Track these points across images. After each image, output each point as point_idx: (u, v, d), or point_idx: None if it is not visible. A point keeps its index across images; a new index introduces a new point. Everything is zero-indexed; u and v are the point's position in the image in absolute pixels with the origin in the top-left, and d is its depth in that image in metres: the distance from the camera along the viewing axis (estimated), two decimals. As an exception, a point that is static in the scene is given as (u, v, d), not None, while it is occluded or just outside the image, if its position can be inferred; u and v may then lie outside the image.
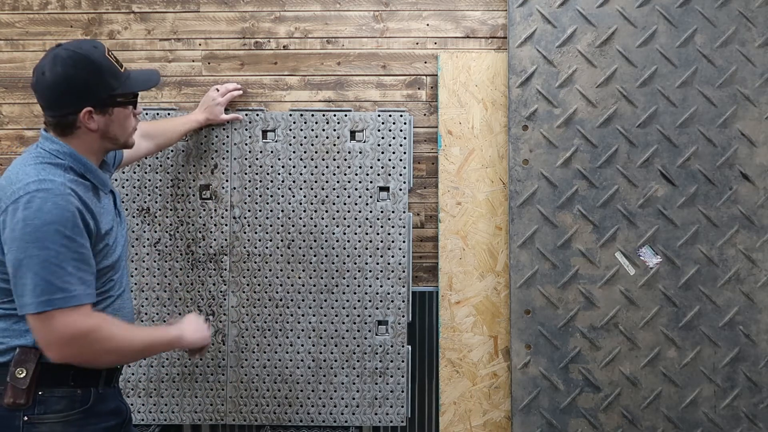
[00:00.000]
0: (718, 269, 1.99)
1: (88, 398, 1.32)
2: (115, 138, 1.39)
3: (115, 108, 1.36)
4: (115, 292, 1.41)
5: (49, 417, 1.27)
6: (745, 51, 2.00)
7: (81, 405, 1.31)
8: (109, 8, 2.16)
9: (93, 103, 1.32)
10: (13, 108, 2.16)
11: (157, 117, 2.07)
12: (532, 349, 2.00)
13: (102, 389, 1.35)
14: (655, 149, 2.00)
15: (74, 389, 1.30)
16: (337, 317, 2.04)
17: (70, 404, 1.29)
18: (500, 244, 2.08)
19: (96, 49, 1.33)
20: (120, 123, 1.38)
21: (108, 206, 1.40)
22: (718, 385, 1.98)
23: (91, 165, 1.36)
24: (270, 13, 2.16)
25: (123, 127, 1.39)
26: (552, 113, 2.02)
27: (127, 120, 1.39)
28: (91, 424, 1.32)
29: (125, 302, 1.46)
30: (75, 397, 1.30)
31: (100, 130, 1.35)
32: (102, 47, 1.35)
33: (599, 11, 2.01)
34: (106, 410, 1.36)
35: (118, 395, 1.43)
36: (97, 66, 1.32)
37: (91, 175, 1.36)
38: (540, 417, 1.99)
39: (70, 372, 1.29)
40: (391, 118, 2.06)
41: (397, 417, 2.03)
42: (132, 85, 1.38)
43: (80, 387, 1.31)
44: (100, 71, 1.32)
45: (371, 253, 2.05)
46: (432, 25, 2.15)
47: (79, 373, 1.30)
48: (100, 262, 1.33)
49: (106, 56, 1.34)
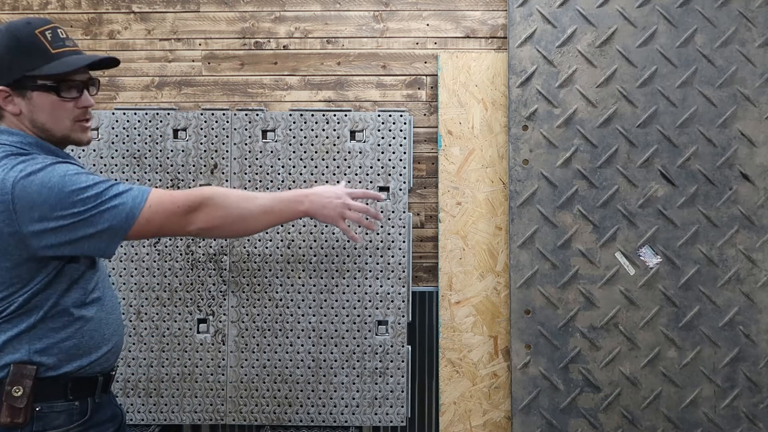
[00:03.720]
0: (718, 269, 1.99)
1: (86, 409, 1.27)
2: (44, 127, 1.23)
3: (34, 92, 1.21)
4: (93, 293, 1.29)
5: None
6: (745, 51, 2.00)
7: (80, 417, 1.26)
8: (109, 8, 2.16)
9: (6, 82, 1.20)
10: (13, 108, 2.15)
11: (157, 116, 2.07)
12: (532, 349, 2.00)
13: (98, 398, 1.30)
14: (655, 149, 2.00)
15: (72, 402, 1.24)
16: (337, 317, 2.04)
17: (68, 418, 1.24)
18: (500, 244, 2.08)
19: (28, 25, 1.22)
20: (44, 110, 1.22)
21: None
22: (718, 385, 1.98)
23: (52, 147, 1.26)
24: (270, 13, 2.16)
25: (51, 115, 1.23)
26: (552, 113, 2.02)
27: (55, 108, 1.23)
28: None
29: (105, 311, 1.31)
30: (73, 410, 1.25)
31: (24, 115, 1.22)
32: (38, 24, 1.23)
33: (599, 11, 2.01)
34: (104, 418, 1.31)
35: (112, 400, 1.38)
36: (17, 42, 1.20)
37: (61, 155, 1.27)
38: (540, 417, 1.99)
39: (67, 384, 1.24)
40: (391, 118, 2.06)
41: (397, 417, 2.03)
42: (53, 68, 1.21)
43: (78, 399, 1.25)
44: (17, 48, 1.20)
45: (371, 253, 2.05)
46: (432, 25, 2.15)
47: (76, 384, 1.25)
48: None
49: (36, 33, 1.21)
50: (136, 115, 2.06)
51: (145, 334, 2.02)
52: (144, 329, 2.03)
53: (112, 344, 1.31)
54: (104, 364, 1.30)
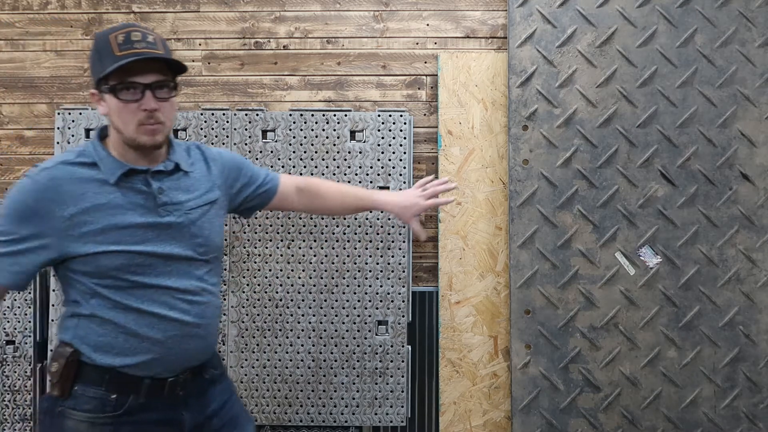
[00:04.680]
0: (718, 269, 1.99)
1: (123, 405, 1.25)
2: (118, 129, 1.26)
3: (105, 94, 1.24)
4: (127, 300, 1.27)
5: (76, 414, 1.24)
6: (745, 51, 2.01)
7: (112, 410, 1.25)
8: (109, 8, 2.16)
9: (95, 86, 1.27)
10: (13, 108, 2.16)
11: (157, 117, 2.06)
12: (532, 349, 2.00)
13: (145, 398, 1.27)
14: (655, 149, 2.00)
15: (108, 393, 1.25)
16: (337, 317, 2.04)
17: (99, 407, 1.25)
18: (500, 244, 2.08)
19: (109, 29, 1.24)
20: (114, 112, 1.24)
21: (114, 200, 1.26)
22: (718, 385, 1.98)
23: (105, 153, 1.28)
24: (270, 13, 2.16)
25: (119, 118, 1.24)
26: (552, 113, 2.02)
27: (120, 111, 1.23)
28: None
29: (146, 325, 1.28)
30: (107, 401, 1.25)
31: (108, 116, 1.26)
32: (118, 27, 1.24)
33: (599, 11, 2.01)
34: (149, 420, 1.28)
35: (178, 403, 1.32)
36: (95, 47, 1.25)
37: (102, 162, 1.27)
38: (540, 417, 1.99)
39: (105, 375, 1.25)
40: (391, 118, 2.06)
41: (397, 417, 2.03)
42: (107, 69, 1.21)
43: (116, 393, 1.25)
44: (94, 52, 1.25)
45: (371, 253, 2.05)
46: (432, 25, 2.15)
47: (116, 378, 1.25)
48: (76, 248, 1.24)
49: (109, 37, 1.22)
50: (136, 115, 2.05)
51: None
52: (144, 329, 2.02)
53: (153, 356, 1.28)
54: (147, 371, 1.28)
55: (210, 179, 1.41)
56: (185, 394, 1.33)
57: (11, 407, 2.03)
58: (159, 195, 1.29)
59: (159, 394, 1.29)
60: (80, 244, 1.23)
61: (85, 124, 2.05)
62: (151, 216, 1.28)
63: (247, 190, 1.53)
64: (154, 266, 1.27)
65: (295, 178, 1.67)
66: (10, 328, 2.03)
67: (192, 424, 1.33)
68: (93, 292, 1.26)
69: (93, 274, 1.25)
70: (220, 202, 1.42)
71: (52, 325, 2.02)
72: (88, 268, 1.25)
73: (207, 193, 1.38)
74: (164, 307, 1.28)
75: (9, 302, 2.03)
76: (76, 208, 1.23)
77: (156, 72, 1.24)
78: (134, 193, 1.28)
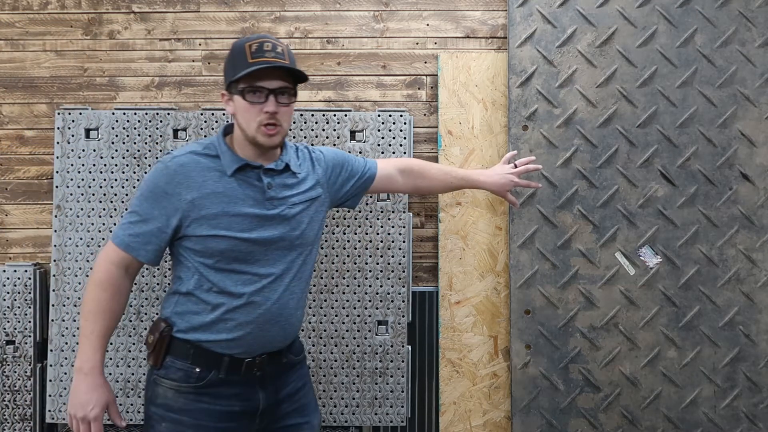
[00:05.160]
0: (718, 269, 1.99)
1: (204, 378, 1.40)
2: (241, 128, 1.42)
3: (235, 96, 1.41)
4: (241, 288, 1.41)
5: (165, 382, 1.40)
6: (745, 51, 2.01)
7: (195, 381, 1.39)
8: (109, 8, 2.16)
9: (225, 88, 1.43)
10: (13, 108, 2.16)
11: (157, 116, 2.07)
12: (532, 349, 2.00)
13: (225, 374, 1.40)
14: (655, 149, 2.00)
15: (192, 366, 1.40)
16: (337, 317, 2.04)
17: (185, 377, 1.39)
18: (500, 244, 2.08)
19: (245, 39, 1.41)
20: (240, 112, 1.41)
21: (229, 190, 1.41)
22: (718, 385, 1.98)
23: (226, 148, 1.43)
24: (270, 13, 2.16)
25: (243, 118, 1.40)
26: (552, 113, 2.02)
27: (247, 112, 1.39)
28: (203, 402, 1.39)
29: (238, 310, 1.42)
30: (191, 373, 1.39)
31: (235, 116, 1.43)
32: (253, 37, 1.41)
33: (599, 11, 2.01)
34: (228, 394, 1.41)
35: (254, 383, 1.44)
36: (231, 53, 1.41)
37: (222, 156, 1.43)
38: (540, 417, 1.99)
39: (192, 351, 1.40)
40: (391, 118, 2.06)
41: (397, 417, 2.03)
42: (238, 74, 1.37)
43: (200, 366, 1.40)
44: (230, 58, 1.41)
45: (371, 253, 2.05)
46: (432, 25, 2.15)
47: (201, 353, 1.40)
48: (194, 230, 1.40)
49: (245, 45, 1.39)
50: (136, 115, 2.06)
51: (145, 334, 2.02)
52: (144, 329, 2.03)
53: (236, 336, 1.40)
54: (228, 350, 1.41)
55: (314, 178, 1.55)
56: (262, 374, 1.45)
57: (11, 407, 2.03)
58: (267, 189, 1.44)
59: (237, 372, 1.42)
60: (196, 225, 1.39)
61: (85, 124, 2.05)
62: (259, 208, 1.42)
63: (349, 183, 1.66)
64: (253, 254, 1.41)
65: (395, 160, 1.79)
66: (10, 328, 2.03)
67: (266, 404, 1.46)
68: (196, 270, 1.41)
69: (200, 253, 1.40)
70: (321, 199, 1.56)
71: (52, 325, 2.02)
72: (198, 247, 1.40)
73: (310, 191, 1.52)
74: (255, 293, 1.41)
75: (9, 302, 2.03)
76: (198, 193, 1.39)
77: (280, 79, 1.40)
78: (247, 185, 1.42)
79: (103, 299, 1.38)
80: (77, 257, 2.03)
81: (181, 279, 1.43)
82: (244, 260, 1.40)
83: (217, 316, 1.40)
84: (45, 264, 2.13)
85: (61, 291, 2.03)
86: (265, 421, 1.47)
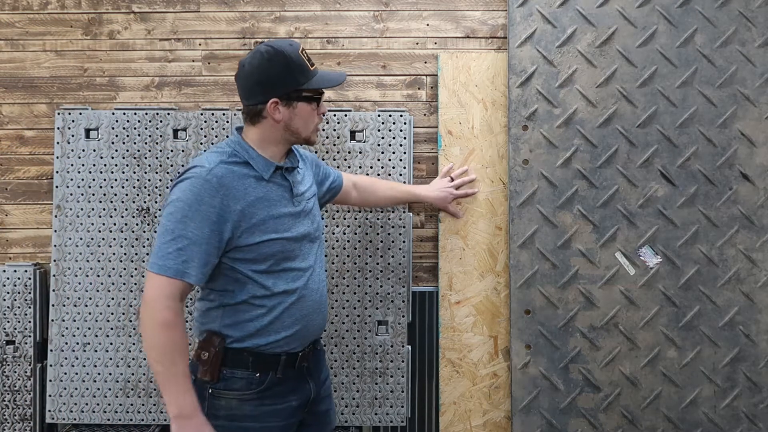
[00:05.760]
0: (718, 269, 1.99)
1: (264, 381, 1.44)
2: (297, 132, 1.48)
3: (300, 102, 1.46)
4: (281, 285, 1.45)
5: (228, 393, 1.42)
6: (745, 51, 2.01)
7: (257, 387, 1.43)
8: (109, 8, 2.16)
9: (280, 95, 1.44)
10: (13, 108, 2.16)
11: (157, 116, 2.07)
12: (532, 349, 2.00)
13: (281, 373, 1.46)
14: (655, 149, 2.00)
15: (252, 373, 1.43)
16: (337, 317, 2.04)
17: (247, 385, 1.43)
18: (500, 244, 2.08)
19: (291, 47, 1.45)
20: (302, 117, 1.48)
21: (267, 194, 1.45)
22: (718, 385, 1.98)
23: (255, 153, 1.46)
24: (270, 13, 2.16)
25: (305, 122, 1.48)
26: (552, 113, 2.02)
27: (310, 116, 1.49)
28: (266, 405, 1.44)
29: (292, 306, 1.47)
30: (252, 380, 1.43)
31: (283, 121, 1.46)
32: (297, 45, 1.47)
33: (599, 11, 2.01)
34: (285, 391, 1.47)
35: (303, 375, 1.52)
36: (288, 61, 1.44)
37: (254, 161, 1.45)
38: (540, 417, 1.99)
39: (250, 358, 1.43)
40: (391, 118, 2.06)
41: (397, 417, 2.03)
42: (317, 83, 1.48)
43: (259, 371, 1.43)
44: (289, 66, 1.44)
45: (371, 253, 2.05)
46: (432, 25, 2.15)
47: (257, 358, 1.43)
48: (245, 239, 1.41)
49: (299, 54, 1.45)
50: (136, 115, 2.06)
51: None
52: (144, 329, 2.02)
53: (294, 331, 1.46)
54: (285, 347, 1.46)
55: (310, 174, 1.64)
56: (308, 365, 1.54)
57: (11, 407, 2.03)
58: (294, 187, 1.51)
59: (291, 368, 1.48)
60: (247, 235, 1.40)
61: (85, 124, 2.05)
62: (291, 206, 1.49)
63: (325, 184, 1.76)
64: (295, 250, 1.47)
65: (350, 175, 1.92)
66: (10, 328, 2.03)
67: (315, 392, 1.55)
68: (248, 279, 1.42)
69: (253, 260, 1.41)
70: (317, 194, 1.66)
71: (52, 325, 2.02)
72: (251, 256, 1.41)
73: (312, 186, 1.62)
74: (303, 287, 1.48)
75: (9, 302, 2.03)
76: (244, 202, 1.40)
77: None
78: (278, 186, 1.48)
79: (177, 338, 1.33)
80: (77, 257, 2.03)
81: (230, 291, 1.43)
82: (290, 258, 1.46)
83: (274, 316, 1.44)
84: (45, 264, 2.13)
85: (61, 291, 2.03)
86: (307, 410, 1.55)
